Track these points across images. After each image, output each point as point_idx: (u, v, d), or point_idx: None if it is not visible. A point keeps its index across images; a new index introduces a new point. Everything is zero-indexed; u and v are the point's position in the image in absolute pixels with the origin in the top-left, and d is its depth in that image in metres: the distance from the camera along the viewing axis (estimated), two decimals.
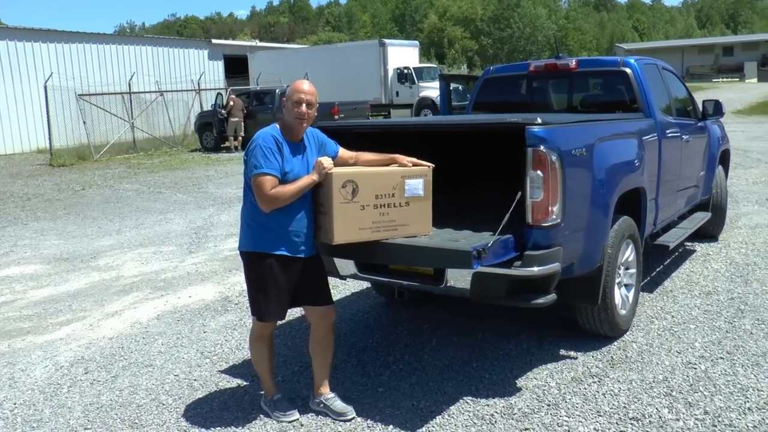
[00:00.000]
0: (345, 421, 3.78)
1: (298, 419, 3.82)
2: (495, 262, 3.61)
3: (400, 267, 4.25)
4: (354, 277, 4.47)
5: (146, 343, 5.26)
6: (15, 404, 4.28)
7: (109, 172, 17.47)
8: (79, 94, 21.47)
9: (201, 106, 25.14)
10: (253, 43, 38.32)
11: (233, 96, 21.22)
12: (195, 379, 4.51)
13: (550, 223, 3.75)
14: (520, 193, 3.75)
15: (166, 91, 24.51)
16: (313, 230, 3.70)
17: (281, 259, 3.59)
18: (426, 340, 4.94)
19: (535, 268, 3.69)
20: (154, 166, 18.30)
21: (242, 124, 20.65)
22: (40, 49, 25.75)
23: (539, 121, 3.72)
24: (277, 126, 3.64)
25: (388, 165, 3.85)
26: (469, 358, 4.56)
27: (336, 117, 18.70)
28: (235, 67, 33.25)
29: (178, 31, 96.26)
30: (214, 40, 33.68)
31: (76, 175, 17.04)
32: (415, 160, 3.84)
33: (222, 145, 21.57)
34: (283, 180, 3.50)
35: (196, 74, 27.39)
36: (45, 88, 20.49)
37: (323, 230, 3.67)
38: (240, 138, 20.64)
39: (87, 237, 9.64)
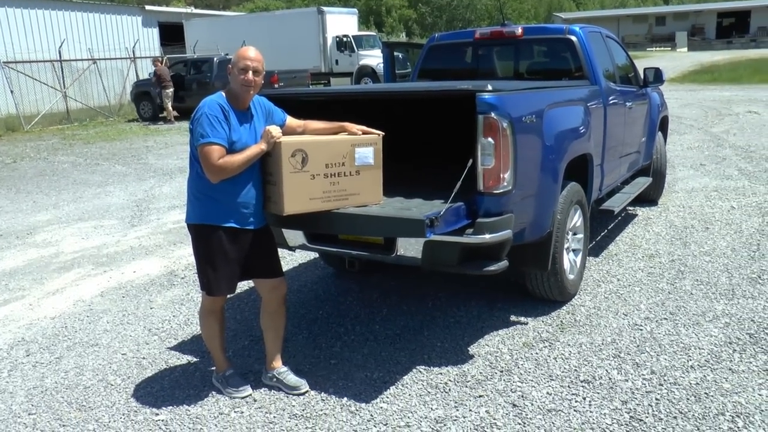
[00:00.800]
0: (298, 395, 3.74)
1: (250, 394, 3.77)
2: (447, 230, 3.59)
3: (350, 237, 4.20)
4: (303, 248, 4.41)
5: (91, 321, 5.10)
6: None
7: (41, 143, 16.79)
8: (4, 62, 20.47)
9: (137, 75, 24.34)
10: (189, 10, 37.17)
11: (159, 64, 20.46)
12: (143, 357, 4.40)
13: (501, 190, 3.75)
14: (471, 161, 3.73)
15: (100, 59, 23.62)
16: (262, 201, 3.61)
17: (230, 231, 3.49)
18: (376, 310, 4.93)
19: (487, 236, 3.70)
20: (90, 137, 17.66)
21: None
22: None
23: (489, 88, 3.69)
24: (223, 94, 3.53)
25: (337, 133, 3.77)
26: (420, 327, 4.57)
27: (276, 86, 18.36)
28: (171, 34, 32.21)
29: None
30: (147, 7, 32.43)
31: (5, 147, 16.31)
32: (364, 128, 3.77)
33: (160, 116, 20.93)
34: (231, 150, 3.39)
35: (131, 42, 26.44)
36: None
37: (272, 201, 3.58)
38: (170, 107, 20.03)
39: (21, 212, 9.25)
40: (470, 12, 64.72)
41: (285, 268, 5.95)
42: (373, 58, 25.10)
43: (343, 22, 27.88)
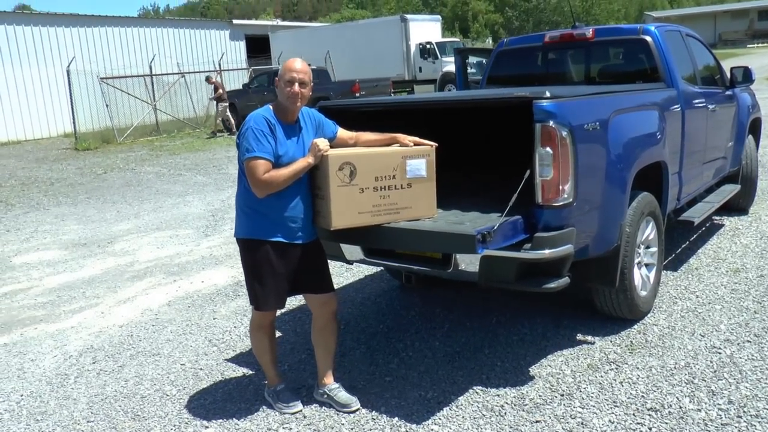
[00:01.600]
0: (349, 412, 3.64)
1: (300, 410, 3.70)
2: (503, 244, 3.42)
3: (406, 251, 4.08)
4: (361, 261, 4.31)
5: (155, 330, 5.19)
6: (22, 396, 4.23)
7: (131, 154, 17.50)
8: (101, 78, 21.50)
9: (223, 87, 25.04)
10: (274, 23, 38.07)
11: (213, 80, 20.91)
12: (201, 368, 4.41)
13: (561, 203, 3.54)
14: (528, 172, 3.55)
15: (187, 73, 24.44)
16: (311, 215, 3.54)
17: (278, 246, 3.44)
18: (438, 325, 4.78)
19: (546, 251, 3.49)
20: (176, 148, 18.28)
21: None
22: (63, 33, 25.84)
23: (548, 94, 3.49)
24: (270, 107, 3.48)
25: (388, 145, 3.66)
26: (481, 345, 4.39)
27: (357, 94, 18.49)
28: (257, 47, 33.05)
29: (202, 13, 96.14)
30: (235, 21, 33.50)
31: (99, 159, 17.10)
32: (417, 139, 3.65)
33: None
34: (277, 164, 3.34)
35: (218, 55, 27.27)
36: (68, 72, 20.54)
37: (321, 215, 3.51)
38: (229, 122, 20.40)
39: (106, 221, 9.62)
40: (557, 14, 63.34)
41: (351, 279, 5.94)
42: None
43: (426, 29, 27.80)
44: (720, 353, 4.03)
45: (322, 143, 3.41)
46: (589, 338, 4.37)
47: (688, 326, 4.45)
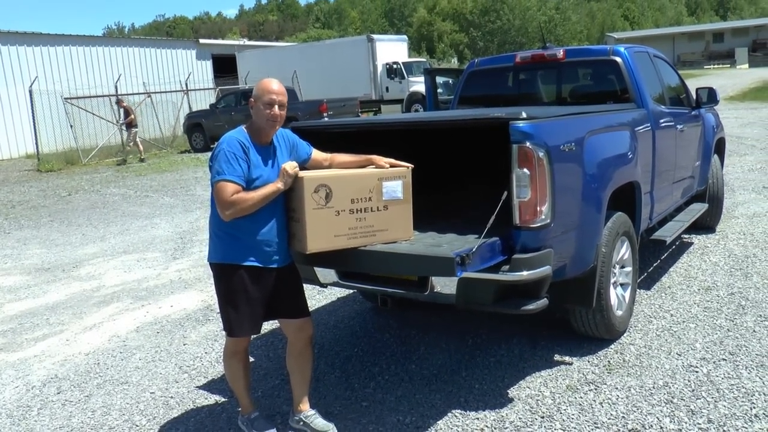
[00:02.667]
0: None
1: None
2: (481, 267, 3.38)
3: (383, 274, 4.02)
4: (335, 285, 4.24)
5: (123, 358, 5.03)
6: None
7: (96, 176, 17.20)
8: (65, 98, 21.16)
9: (189, 107, 24.85)
10: (241, 42, 37.99)
11: (125, 103, 20.57)
12: (171, 397, 4.28)
13: (539, 224, 3.53)
14: (506, 193, 3.52)
15: (154, 93, 24.20)
16: (287, 238, 3.47)
17: (252, 270, 3.36)
18: (414, 348, 4.71)
19: (525, 273, 3.47)
20: (143, 169, 18.02)
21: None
22: (25, 52, 25.49)
23: (524, 115, 3.48)
24: (244, 129, 3.40)
25: (364, 167, 3.61)
26: (458, 367, 4.33)
27: (325, 114, 18.45)
28: (224, 66, 32.94)
29: (168, 32, 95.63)
30: (201, 40, 33.37)
31: (63, 180, 16.77)
32: (392, 160, 3.61)
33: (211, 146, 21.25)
34: (250, 188, 3.26)
35: (184, 75, 27.08)
36: (30, 92, 20.17)
37: (297, 238, 3.43)
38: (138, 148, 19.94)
39: (70, 245, 9.39)
40: (522, 35, 64.31)
41: (323, 302, 5.85)
42: (424, 85, 25.02)
43: (393, 49, 27.98)
44: (697, 372, 4.03)
45: (291, 167, 3.34)
46: (567, 359, 4.34)
47: (664, 345, 4.45)
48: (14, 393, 4.55)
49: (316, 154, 3.68)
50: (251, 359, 4.75)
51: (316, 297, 5.96)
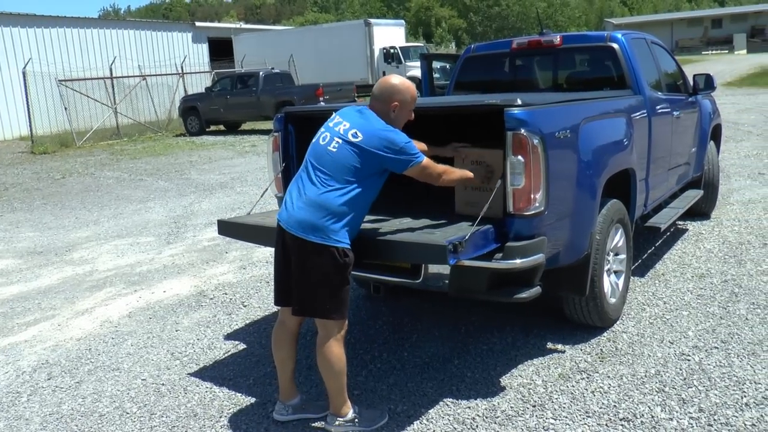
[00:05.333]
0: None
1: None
2: (474, 254, 3.35)
3: (376, 261, 3.99)
4: None
5: (115, 344, 5.01)
6: None
7: (91, 159, 17.11)
8: (59, 80, 21.00)
9: (185, 90, 24.69)
10: (237, 26, 37.73)
11: None
12: (163, 384, 4.26)
13: (533, 212, 3.49)
14: (500, 181, 3.49)
15: (149, 75, 24.04)
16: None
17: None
18: (406, 336, 4.69)
19: (518, 261, 3.44)
20: (138, 152, 17.94)
21: None
22: (19, 34, 25.28)
23: (519, 102, 3.44)
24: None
25: None
26: (450, 355, 4.32)
27: (321, 99, 18.35)
28: (220, 49, 32.74)
29: (164, 14, 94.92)
30: (197, 23, 33.14)
31: (57, 163, 16.68)
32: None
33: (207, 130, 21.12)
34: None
35: (180, 58, 26.90)
36: (23, 73, 20.02)
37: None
38: None
39: (63, 228, 9.34)
40: (521, 21, 63.92)
41: None
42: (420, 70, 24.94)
43: (390, 34, 27.86)
44: (689, 360, 4.03)
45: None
46: (560, 347, 4.33)
47: (656, 333, 4.44)
48: (4, 379, 4.53)
49: None
50: (243, 346, 4.75)
51: None
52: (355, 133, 3.26)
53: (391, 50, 26.39)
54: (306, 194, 3.24)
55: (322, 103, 17.85)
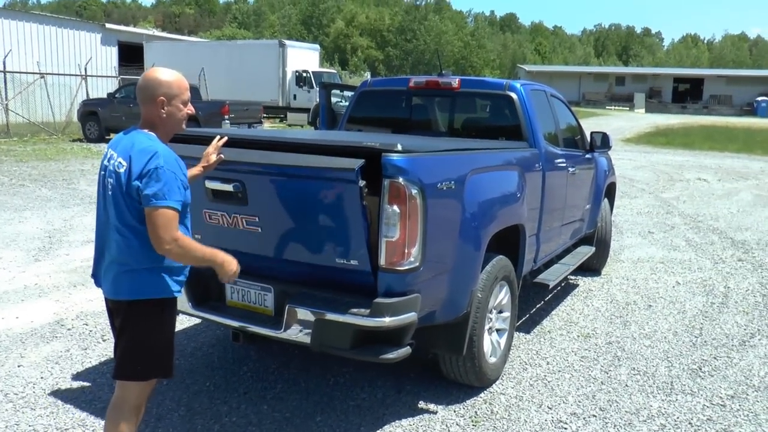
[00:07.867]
0: None
1: None
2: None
3: (237, 304, 3.63)
4: (185, 313, 3.81)
5: None
6: None
7: None
8: None
9: (87, 94, 23.49)
10: (150, 32, 36.57)
11: None
12: None
13: (407, 267, 3.23)
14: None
15: (48, 74, 22.73)
16: None
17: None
18: (270, 385, 4.31)
19: (387, 319, 3.16)
20: (26, 155, 16.77)
21: None
22: None
23: (399, 147, 3.18)
24: (155, 135, 2.78)
25: None
26: (314, 410, 3.97)
27: (226, 117, 17.78)
28: (131, 55, 31.51)
29: (77, 12, 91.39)
30: (108, 24, 31.80)
31: None
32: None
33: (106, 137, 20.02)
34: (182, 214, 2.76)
35: (85, 59, 25.65)
36: None
37: None
38: None
39: None
40: (437, 58, 65.31)
41: (185, 325, 5.35)
42: (332, 96, 24.74)
43: (304, 57, 27.59)
44: (565, 429, 3.85)
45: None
46: (432, 406, 4.07)
47: (536, 396, 4.26)
48: None
49: None
50: (92, 390, 4.23)
51: (180, 319, 5.45)
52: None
53: (304, 74, 26.07)
54: None
55: (226, 122, 17.33)
